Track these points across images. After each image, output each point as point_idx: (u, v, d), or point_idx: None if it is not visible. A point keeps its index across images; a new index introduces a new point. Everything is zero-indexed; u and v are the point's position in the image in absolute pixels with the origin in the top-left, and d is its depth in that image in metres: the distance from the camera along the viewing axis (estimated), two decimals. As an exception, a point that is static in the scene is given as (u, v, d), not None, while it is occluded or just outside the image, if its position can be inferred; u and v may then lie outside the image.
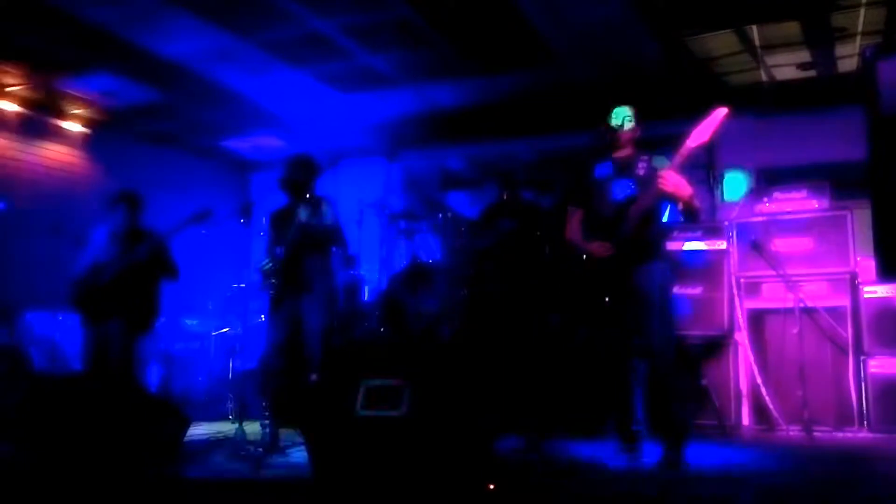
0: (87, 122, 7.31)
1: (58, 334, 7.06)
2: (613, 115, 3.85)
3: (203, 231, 4.85)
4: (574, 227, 4.00)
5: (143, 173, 7.43)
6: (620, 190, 3.77)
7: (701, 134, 3.50)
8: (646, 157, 3.69)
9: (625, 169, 3.79)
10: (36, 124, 7.01)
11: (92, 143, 7.43)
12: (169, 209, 5.28)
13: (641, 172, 3.67)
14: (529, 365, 4.85)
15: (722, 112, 3.48)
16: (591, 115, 4.22)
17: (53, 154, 7.25)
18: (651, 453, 3.81)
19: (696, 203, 3.67)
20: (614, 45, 5.73)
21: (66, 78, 6.36)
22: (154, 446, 3.69)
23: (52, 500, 3.20)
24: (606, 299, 3.81)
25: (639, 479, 3.57)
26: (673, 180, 3.54)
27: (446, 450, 3.14)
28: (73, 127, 7.28)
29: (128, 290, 4.95)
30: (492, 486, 3.11)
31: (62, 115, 7.10)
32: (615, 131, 3.82)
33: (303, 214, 4.53)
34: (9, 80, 6.28)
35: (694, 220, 3.85)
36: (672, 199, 3.69)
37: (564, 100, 6.82)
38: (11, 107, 6.68)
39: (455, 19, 5.35)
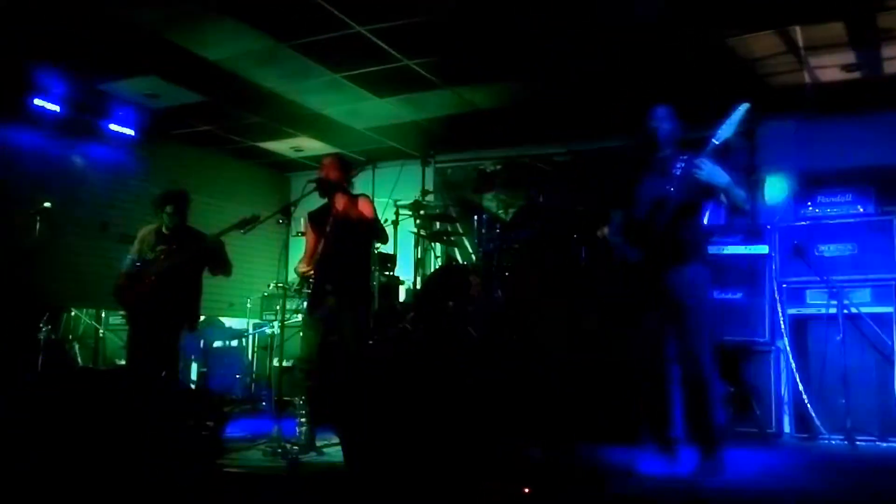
0: (131, 124, 7.47)
1: (102, 331, 7.26)
2: (651, 116, 3.82)
3: (243, 232, 4.94)
4: (615, 229, 3.97)
5: (186, 174, 7.58)
6: (657, 190, 3.72)
7: (726, 129, 3.49)
8: (685, 157, 3.65)
9: (663, 169, 3.75)
10: (82, 125, 7.18)
11: (136, 145, 7.59)
12: (211, 210, 5.38)
13: (678, 173, 3.63)
14: (565, 368, 4.82)
15: (744, 107, 3.48)
16: (629, 117, 4.20)
17: (99, 155, 7.42)
18: (688, 460, 3.76)
19: (736, 192, 3.61)
20: (654, 45, 5.67)
21: (111, 79, 6.51)
22: (193, 441, 3.76)
23: (91, 494, 3.28)
24: (642, 302, 3.78)
25: (675, 486, 3.53)
26: (707, 168, 3.51)
27: (477, 449, 3.15)
28: (119, 128, 7.44)
29: (173, 288, 5.05)
30: (527, 490, 3.10)
31: (108, 116, 7.26)
32: (654, 132, 3.80)
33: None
34: (55, 81, 6.44)
35: (739, 212, 3.81)
36: (710, 190, 3.62)
37: (602, 102, 6.77)
38: (58, 108, 6.85)
39: (492, 25, 5.36)
